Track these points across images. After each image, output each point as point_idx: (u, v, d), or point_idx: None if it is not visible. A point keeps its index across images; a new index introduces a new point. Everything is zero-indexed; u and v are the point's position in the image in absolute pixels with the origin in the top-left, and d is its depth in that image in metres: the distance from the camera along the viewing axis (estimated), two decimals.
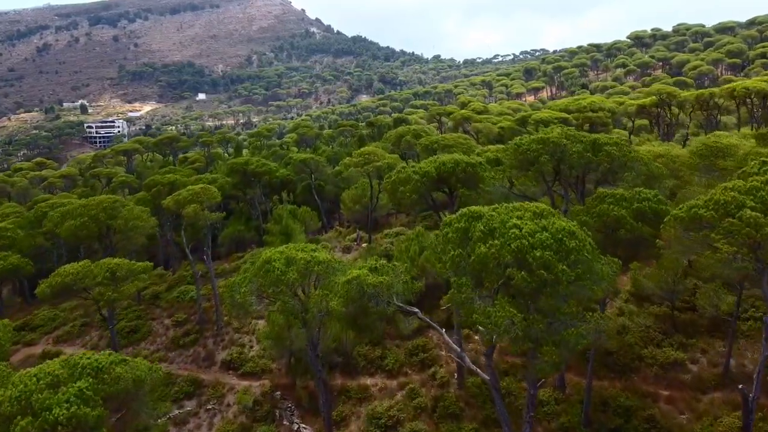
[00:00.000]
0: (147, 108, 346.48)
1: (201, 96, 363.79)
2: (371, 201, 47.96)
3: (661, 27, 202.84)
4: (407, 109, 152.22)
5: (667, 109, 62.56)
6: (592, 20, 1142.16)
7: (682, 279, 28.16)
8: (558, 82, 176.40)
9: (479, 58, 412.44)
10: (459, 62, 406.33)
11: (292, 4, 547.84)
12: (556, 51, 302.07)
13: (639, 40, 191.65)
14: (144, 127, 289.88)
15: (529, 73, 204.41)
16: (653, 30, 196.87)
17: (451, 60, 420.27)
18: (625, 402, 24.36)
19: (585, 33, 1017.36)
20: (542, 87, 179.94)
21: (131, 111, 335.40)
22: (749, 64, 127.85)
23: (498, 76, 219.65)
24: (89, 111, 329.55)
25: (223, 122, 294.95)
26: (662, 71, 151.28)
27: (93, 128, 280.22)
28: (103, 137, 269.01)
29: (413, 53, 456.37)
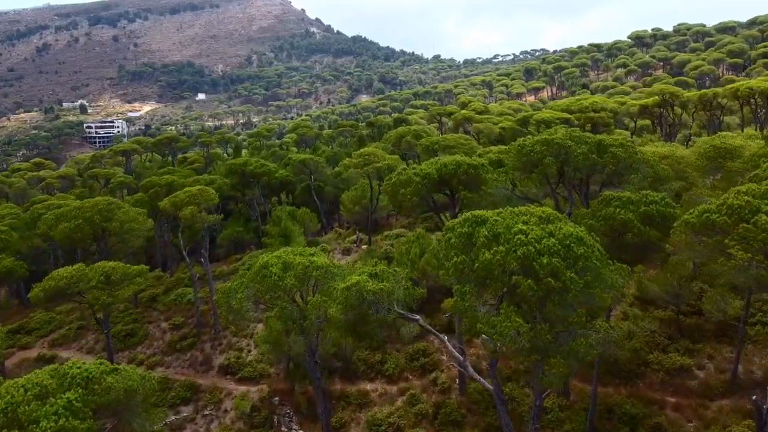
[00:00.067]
0: (147, 108, 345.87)
1: (201, 96, 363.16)
2: (371, 202, 47.41)
3: (662, 27, 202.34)
4: (407, 109, 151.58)
5: (670, 110, 61.99)
6: (592, 20, 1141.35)
7: (688, 282, 27.62)
8: (558, 82, 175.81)
9: (479, 58, 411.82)
10: (459, 62, 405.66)
11: (292, 4, 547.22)
12: (557, 51, 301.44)
13: (640, 40, 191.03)
14: (143, 127, 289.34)
15: (530, 73, 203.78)
16: (654, 30, 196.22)
17: (451, 60, 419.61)
18: (631, 409, 23.79)
19: (585, 33, 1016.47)
20: (543, 87, 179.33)
21: (131, 111, 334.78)
22: (751, 64, 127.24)
23: (498, 76, 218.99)
24: (89, 111, 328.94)
25: (223, 122, 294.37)
26: (663, 71, 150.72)
27: (92, 128, 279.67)
28: (103, 137, 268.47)
29: (413, 53, 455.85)
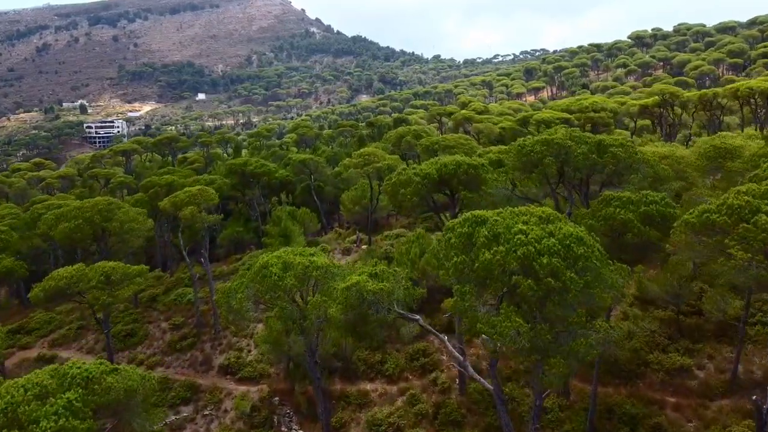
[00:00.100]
0: (147, 108, 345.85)
1: (201, 96, 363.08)
2: (371, 202, 47.41)
3: (662, 27, 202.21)
4: (407, 109, 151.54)
5: (670, 110, 61.98)
6: (592, 20, 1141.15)
7: (688, 282, 27.62)
8: (558, 82, 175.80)
9: (479, 58, 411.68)
10: (459, 62, 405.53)
11: (292, 4, 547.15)
12: (557, 51, 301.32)
13: (640, 40, 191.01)
14: (143, 127, 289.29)
15: (530, 73, 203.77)
16: (654, 30, 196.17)
17: (451, 60, 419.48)
18: (631, 409, 23.79)
19: (585, 33, 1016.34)
20: (543, 87, 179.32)
21: (131, 111, 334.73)
22: (751, 64, 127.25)
23: (498, 76, 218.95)
24: (89, 111, 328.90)
25: (223, 122, 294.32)
26: (663, 71, 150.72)
27: (92, 128, 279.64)
28: (103, 137, 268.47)
29: (413, 53, 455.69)
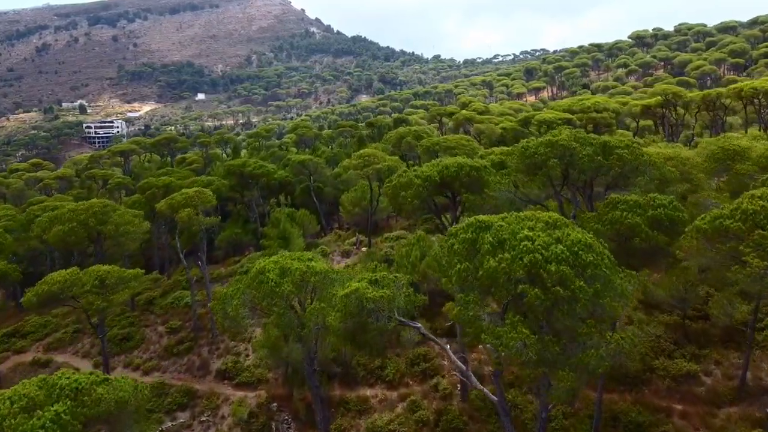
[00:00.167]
0: (146, 108, 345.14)
1: (200, 96, 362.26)
2: (371, 204, 46.85)
3: (662, 27, 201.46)
4: (407, 110, 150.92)
5: (673, 110, 61.41)
6: (592, 20, 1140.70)
7: (694, 286, 27.07)
8: (559, 82, 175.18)
9: (479, 58, 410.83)
10: (459, 62, 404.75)
11: (292, 4, 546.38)
12: (557, 51, 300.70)
13: (640, 40, 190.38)
14: (143, 128, 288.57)
15: (530, 73, 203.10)
16: (655, 30, 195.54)
17: (451, 60, 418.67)
18: (637, 417, 23.27)
19: (585, 33, 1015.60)
20: (543, 87, 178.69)
21: (130, 111, 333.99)
22: (752, 64, 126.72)
23: (498, 76, 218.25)
24: (88, 111, 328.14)
25: (223, 122, 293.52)
26: (664, 71, 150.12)
27: (92, 128, 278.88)
28: (102, 137, 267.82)
29: (413, 53, 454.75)
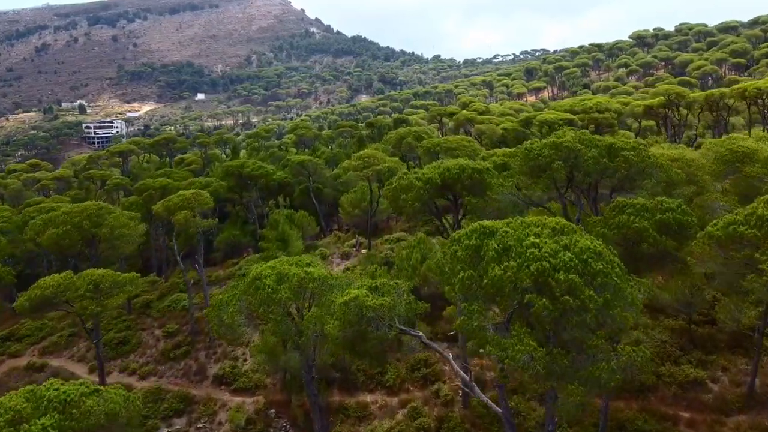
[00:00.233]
0: (146, 108, 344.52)
1: (200, 96, 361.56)
2: (371, 206, 46.29)
3: (663, 27, 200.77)
4: (407, 110, 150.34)
5: (675, 110, 60.86)
6: (592, 20, 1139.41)
7: (700, 290, 26.53)
8: (559, 83, 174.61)
9: (479, 58, 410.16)
10: (459, 62, 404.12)
11: (292, 4, 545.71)
12: (557, 51, 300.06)
13: (641, 40, 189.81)
14: (143, 128, 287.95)
15: (530, 73, 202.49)
16: (655, 30, 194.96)
17: (451, 60, 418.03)
18: (643, 426, 22.72)
19: (585, 33, 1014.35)
20: (543, 87, 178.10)
21: (130, 111, 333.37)
22: (754, 64, 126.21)
23: (499, 76, 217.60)
24: (88, 111, 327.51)
25: (222, 122, 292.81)
26: (665, 71, 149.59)
27: (91, 129, 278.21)
28: (102, 138, 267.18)
29: (413, 53, 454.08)
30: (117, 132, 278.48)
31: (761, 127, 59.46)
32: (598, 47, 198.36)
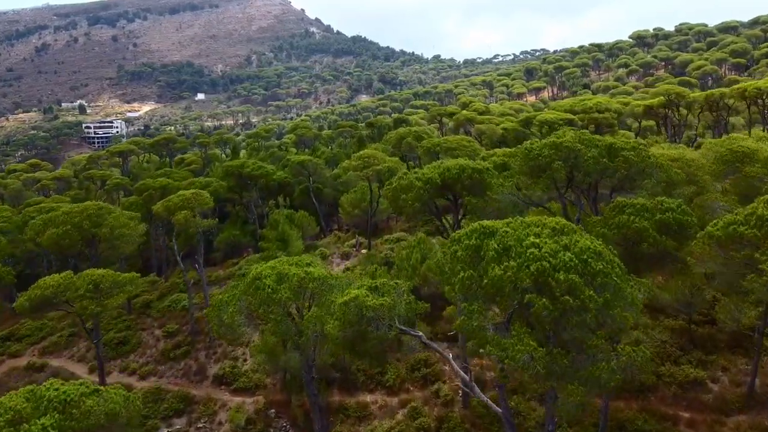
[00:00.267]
0: (146, 108, 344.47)
1: (200, 96, 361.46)
2: (371, 206, 46.29)
3: (662, 27, 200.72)
4: (407, 110, 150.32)
5: (675, 110, 60.85)
6: (592, 20, 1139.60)
7: (700, 290, 26.52)
8: (559, 83, 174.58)
9: (479, 58, 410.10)
10: (459, 62, 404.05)
11: (292, 4, 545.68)
12: (557, 51, 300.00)
13: (641, 40, 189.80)
14: (143, 128, 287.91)
15: (530, 73, 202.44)
16: (655, 30, 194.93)
17: (451, 60, 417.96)
18: (643, 426, 22.72)
19: (585, 33, 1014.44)
20: (543, 87, 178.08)
21: (130, 111, 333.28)
22: (754, 64, 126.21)
23: (499, 76, 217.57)
24: (88, 111, 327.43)
25: (222, 122, 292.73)
26: (665, 71, 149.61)
27: (91, 129, 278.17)
28: (102, 138, 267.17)
29: (413, 53, 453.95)
30: (117, 132, 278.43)
31: (761, 127, 59.50)
32: (598, 47, 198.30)
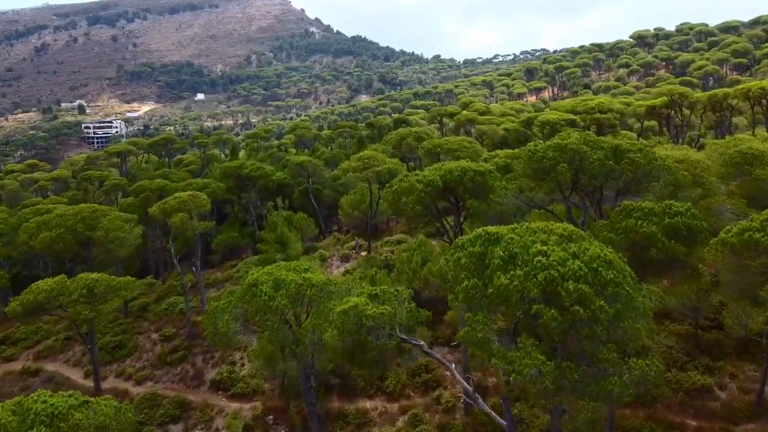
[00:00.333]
0: (145, 108, 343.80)
1: (200, 96, 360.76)
2: (371, 207, 45.72)
3: (663, 27, 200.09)
4: (407, 110, 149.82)
5: (678, 111, 60.29)
6: (592, 20, 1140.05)
7: (707, 294, 25.98)
8: (560, 83, 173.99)
9: (479, 58, 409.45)
10: (459, 62, 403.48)
11: (292, 4, 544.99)
12: (557, 51, 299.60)
13: (642, 40, 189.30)
14: (142, 128, 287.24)
15: (531, 73, 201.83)
16: (656, 29, 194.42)
17: (451, 60, 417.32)
18: None
19: (585, 33, 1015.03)
20: (544, 87, 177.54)
21: (129, 111, 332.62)
22: (755, 64, 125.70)
23: (499, 76, 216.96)
24: (87, 111, 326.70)
25: (222, 122, 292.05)
26: (666, 71, 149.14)
27: (90, 129, 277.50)
28: (101, 138, 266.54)
29: (413, 53, 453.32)
30: (116, 132, 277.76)
31: (764, 128, 58.93)
32: (599, 47, 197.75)
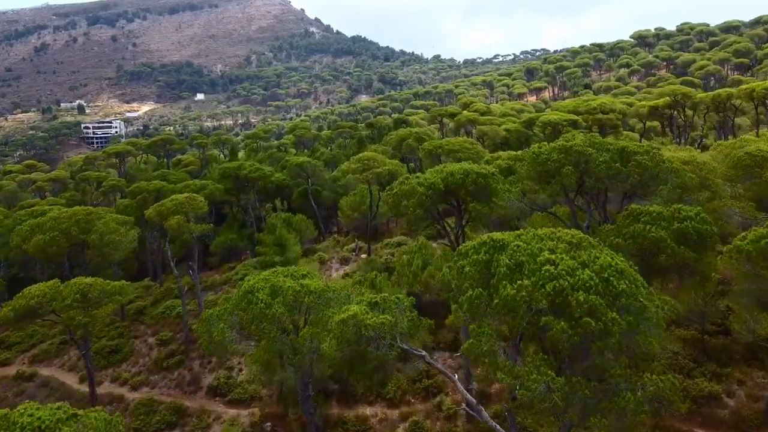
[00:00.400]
0: (145, 108, 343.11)
1: (199, 96, 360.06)
2: (371, 209, 45.14)
3: (663, 27, 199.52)
4: (407, 110, 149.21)
5: (681, 111, 59.72)
6: (592, 20, 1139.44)
7: (713, 299, 25.43)
8: (560, 83, 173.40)
9: (479, 58, 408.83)
10: (459, 62, 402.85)
11: (292, 4, 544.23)
12: (557, 51, 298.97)
13: (642, 40, 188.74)
14: (142, 128, 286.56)
15: (531, 73, 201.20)
16: (657, 29, 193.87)
17: (451, 60, 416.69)
18: None
19: (585, 33, 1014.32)
20: (545, 87, 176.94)
21: (129, 111, 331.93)
22: (757, 64, 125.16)
23: (499, 76, 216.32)
24: (87, 111, 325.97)
25: (222, 122, 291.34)
26: (667, 71, 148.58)
27: (90, 129, 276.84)
28: (101, 138, 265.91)
29: (413, 53, 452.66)
30: (116, 132, 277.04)
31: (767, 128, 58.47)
32: (600, 47, 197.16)
